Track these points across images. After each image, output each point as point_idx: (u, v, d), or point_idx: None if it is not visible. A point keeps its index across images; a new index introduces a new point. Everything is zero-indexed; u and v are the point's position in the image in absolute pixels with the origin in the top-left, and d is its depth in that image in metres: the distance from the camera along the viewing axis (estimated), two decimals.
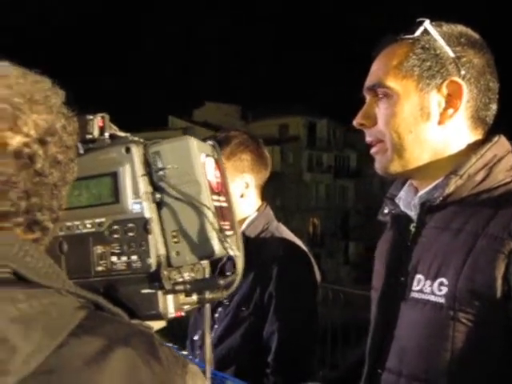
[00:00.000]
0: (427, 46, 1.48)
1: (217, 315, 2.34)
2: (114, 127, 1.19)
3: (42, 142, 0.89)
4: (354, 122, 1.58)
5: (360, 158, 50.38)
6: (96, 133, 1.16)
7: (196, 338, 2.40)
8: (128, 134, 1.16)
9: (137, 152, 1.11)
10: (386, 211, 1.66)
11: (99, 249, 1.12)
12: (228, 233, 1.13)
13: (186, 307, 1.15)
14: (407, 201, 1.59)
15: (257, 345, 2.27)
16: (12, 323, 0.77)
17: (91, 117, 1.17)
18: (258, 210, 2.43)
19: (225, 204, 1.17)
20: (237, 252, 1.11)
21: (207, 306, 1.24)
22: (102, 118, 1.18)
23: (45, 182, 0.89)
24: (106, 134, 1.17)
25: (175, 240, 1.10)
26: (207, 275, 1.19)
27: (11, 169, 0.86)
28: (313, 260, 2.38)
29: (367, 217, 45.14)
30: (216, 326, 2.33)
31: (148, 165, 1.12)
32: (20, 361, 0.76)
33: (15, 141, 0.86)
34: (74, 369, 0.79)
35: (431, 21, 1.50)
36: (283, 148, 43.81)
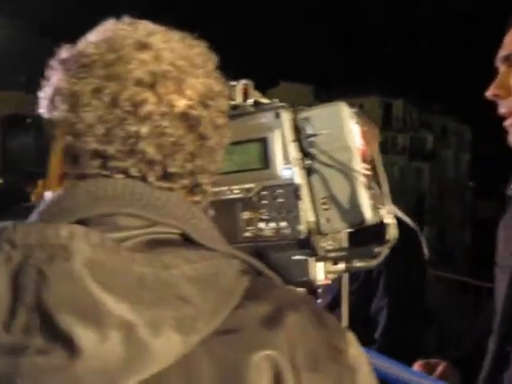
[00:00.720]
0: None
1: (320, 290, 2.34)
2: (258, 93, 1.18)
3: (204, 105, 0.89)
4: (488, 93, 1.52)
5: (436, 140, 49.46)
6: (239, 99, 1.16)
7: None
8: (276, 100, 1.15)
9: (286, 117, 1.10)
10: None
11: (247, 215, 1.12)
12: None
13: (331, 275, 1.14)
14: None
15: (363, 320, 2.26)
16: (189, 283, 0.77)
17: (234, 83, 1.17)
18: None
19: (370, 172, 1.15)
20: (390, 220, 1.09)
21: (345, 275, 1.23)
22: (245, 84, 1.17)
23: (206, 145, 0.90)
24: (250, 101, 1.16)
25: (325, 207, 1.08)
26: (345, 244, 1.18)
27: (180, 131, 0.87)
28: (422, 237, 2.35)
29: (442, 200, 44.34)
30: (320, 301, 2.32)
31: (297, 130, 1.10)
32: (202, 320, 0.76)
33: (181, 103, 0.87)
34: (253, 330, 0.79)
35: None
36: None
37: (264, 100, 1.17)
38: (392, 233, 1.09)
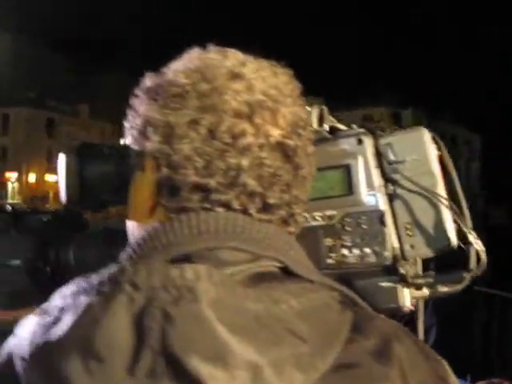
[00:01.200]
0: None
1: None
2: (332, 119, 1.18)
3: (296, 134, 0.88)
4: None
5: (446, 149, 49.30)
6: (315, 125, 1.15)
7: None
8: (354, 126, 1.15)
9: (369, 143, 1.10)
10: None
11: (329, 241, 1.11)
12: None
13: (414, 301, 1.13)
14: None
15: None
16: (299, 318, 0.76)
17: (309, 108, 1.16)
18: None
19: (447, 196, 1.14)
20: (479, 246, 1.08)
21: (421, 301, 1.21)
22: (321, 109, 1.17)
23: (300, 174, 0.89)
24: (325, 126, 1.16)
25: (409, 233, 1.08)
26: (420, 270, 1.16)
27: (278, 162, 0.86)
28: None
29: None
30: None
31: (379, 156, 1.10)
32: (319, 357, 0.74)
33: (276, 133, 0.86)
34: (367, 364, 0.78)
35: None
36: None
37: (339, 125, 1.17)
38: (484, 257, 1.08)
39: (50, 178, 57.03)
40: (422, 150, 1.08)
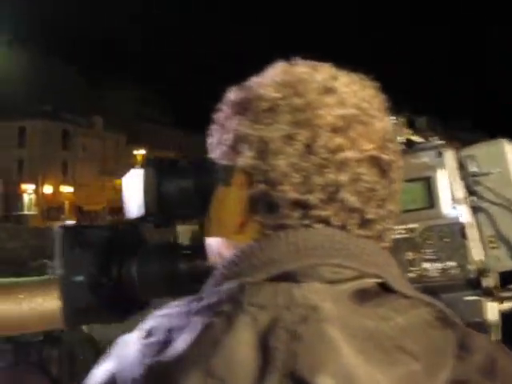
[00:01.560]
0: None
1: None
2: (409, 131, 1.17)
3: (388, 148, 0.87)
4: None
5: None
6: None
7: None
8: (435, 138, 1.14)
9: (449, 156, 1.09)
10: None
11: (410, 255, 1.10)
12: None
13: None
14: None
15: None
16: (406, 335, 0.74)
17: None
18: None
19: None
20: None
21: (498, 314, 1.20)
22: (397, 121, 1.16)
23: (393, 188, 0.87)
24: (399, 138, 1.15)
25: (493, 245, 1.07)
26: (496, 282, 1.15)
27: (375, 177, 0.84)
28: None
29: None
30: None
31: (461, 169, 1.09)
32: (431, 374, 0.73)
33: (370, 147, 0.85)
34: (476, 381, 0.76)
35: None
36: None
37: (415, 138, 1.16)
38: None
39: (65, 189, 57.34)
40: (504, 162, 1.07)
